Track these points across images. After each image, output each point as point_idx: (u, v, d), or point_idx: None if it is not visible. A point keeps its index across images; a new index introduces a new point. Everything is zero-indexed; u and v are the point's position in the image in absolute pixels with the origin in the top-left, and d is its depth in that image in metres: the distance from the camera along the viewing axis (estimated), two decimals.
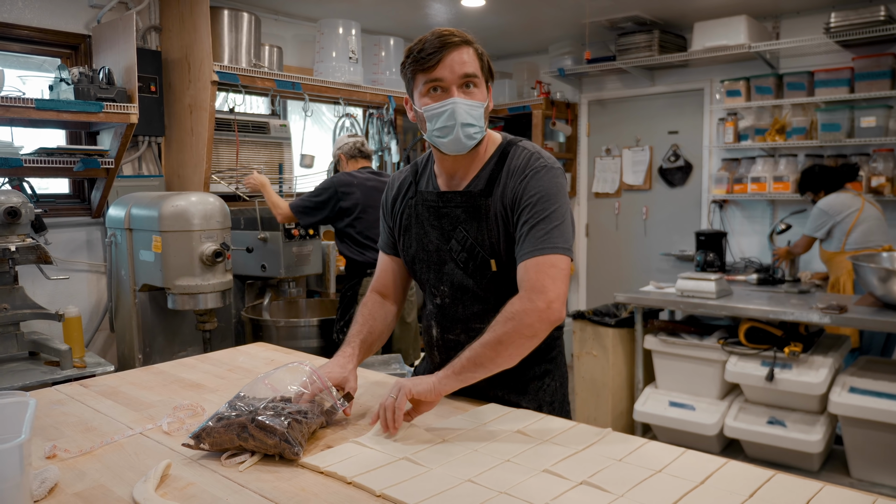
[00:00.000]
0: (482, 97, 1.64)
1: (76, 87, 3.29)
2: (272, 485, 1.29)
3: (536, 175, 1.62)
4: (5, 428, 1.09)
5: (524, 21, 5.28)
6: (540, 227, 1.58)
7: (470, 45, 1.61)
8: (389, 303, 1.91)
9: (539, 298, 1.52)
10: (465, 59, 1.60)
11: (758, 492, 1.25)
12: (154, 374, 2.03)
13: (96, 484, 1.28)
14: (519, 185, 1.63)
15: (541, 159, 1.66)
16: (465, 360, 1.53)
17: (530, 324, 1.52)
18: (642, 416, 4.07)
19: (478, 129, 1.64)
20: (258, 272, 3.96)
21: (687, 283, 3.95)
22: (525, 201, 1.61)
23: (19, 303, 3.03)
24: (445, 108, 1.60)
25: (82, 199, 3.93)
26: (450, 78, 1.59)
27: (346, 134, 4.12)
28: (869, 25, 4.42)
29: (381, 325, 1.85)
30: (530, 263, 1.57)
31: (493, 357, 1.53)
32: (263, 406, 1.45)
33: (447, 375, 1.54)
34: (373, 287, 1.93)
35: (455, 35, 1.60)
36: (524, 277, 1.57)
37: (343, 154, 3.94)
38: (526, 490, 1.27)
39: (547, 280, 1.54)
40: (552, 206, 1.59)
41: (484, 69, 1.64)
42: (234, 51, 4.06)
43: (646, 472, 1.35)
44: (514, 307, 1.54)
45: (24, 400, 1.14)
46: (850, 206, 4.35)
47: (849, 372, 3.60)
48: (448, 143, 1.64)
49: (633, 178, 6.04)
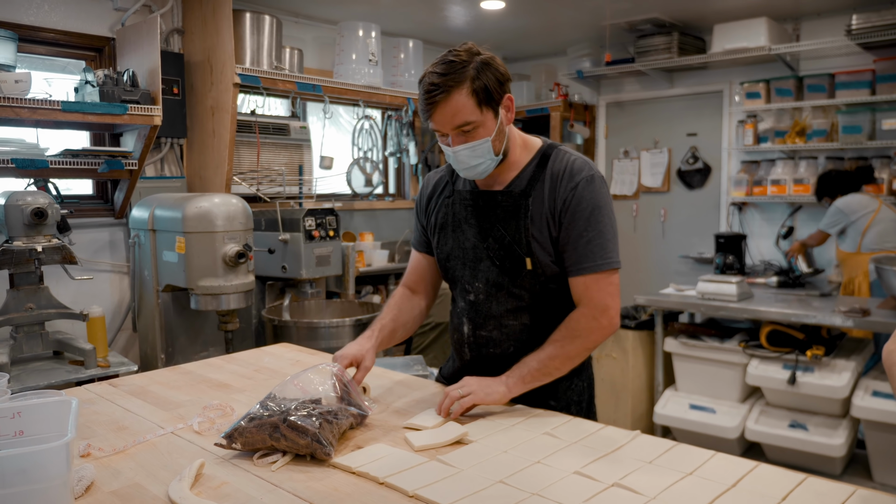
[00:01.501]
0: (485, 133, 1.63)
1: (101, 90, 3.32)
2: (305, 484, 1.30)
3: (590, 186, 1.67)
4: (49, 426, 1.11)
5: (543, 23, 5.27)
6: (596, 242, 1.66)
7: (461, 86, 1.57)
8: (419, 297, 1.97)
9: (603, 317, 1.66)
10: (456, 109, 1.59)
11: (790, 495, 1.25)
12: (181, 374, 2.05)
13: (131, 482, 1.30)
14: (570, 193, 1.67)
15: (587, 166, 1.70)
16: (534, 371, 1.66)
17: (595, 340, 1.68)
18: (662, 418, 4.05)
19: (486, 162, 1.68)
20: (279, 273, 3.98)
21: (708, 285, 3.93)
22: (579, 212, 1.66)
23: (45, 303, 3.06)
24: (449, 154, 1.68)
25: (105, 200, 3.96)
26: (444, 128, 1.64)
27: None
28: (891, 27, 4.38)
29: (407, 316, 1.92)
30: (591, 280, 1.67)
31: (560, 369, 1.68)
32: (294, 407, 1.46)
33: (516, 384, 1.66)
34: (403, 282, 2.00)
35: (440, 87, 1.57)
36: (585, 294, 1.68)
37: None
38: (557, 492, 1.28)
39: (608, 298, 1.67)
40: (605, 218, 1.67)
41: (482, 103, 1.60)
42: (256, 53, 4.08)
43: (677, 474, 1.35)
44: (581, 325, 1.67)
45: (65, 399, 1.16)
46: (866, 206, 4.35)
47: (871, 375, 3.57)
48: (464, 176, 1.74)
49: (651, 180, 6.02)
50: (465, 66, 1.59)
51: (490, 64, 1.62)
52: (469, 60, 1.60)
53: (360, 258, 4.53)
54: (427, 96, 1.60)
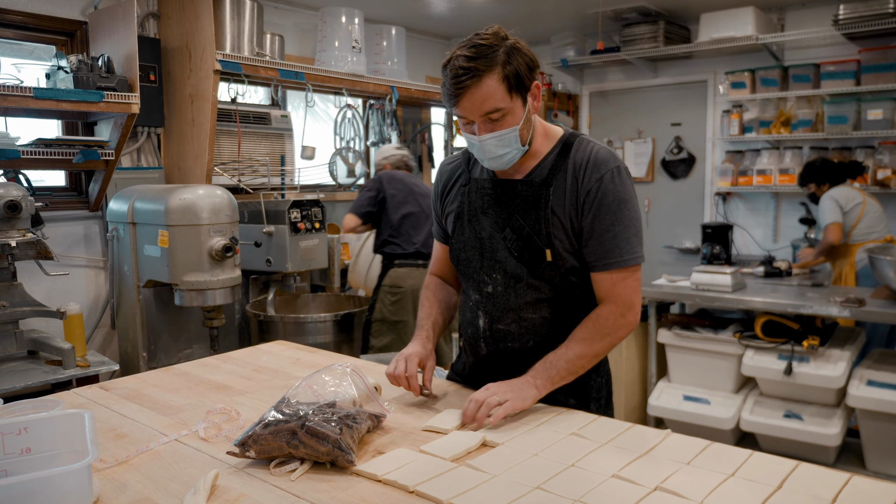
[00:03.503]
0: (513, 121, 1.55)
1: (75, 76, 3.16)
2: (330, 495, 1.21)
3: (616, 178, 1.60)
4: (58, 442, 1.00)
5: (526, 11, 5.19)
6: (622, 237, 1.60)
7: (492, 71, 1.49)
8: (450, 285, 1.94)
9: (630, 314, 1.63)
10: (484, 95, 1.50)
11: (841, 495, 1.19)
12: (177, 376, 1.93)
13: (141, 497, 1.19)
14: (594, 185, 1.59)
15: (612, 157, 1.63)
16: (562, 372, 1.59)
17: (621, 337, 1.65)
18: (656, 410, 4.01)
19: (512, 152, 1.61)
20: (263, 267, 3.85)
21: (702, 276, 3.89)
22: (605, 205, 1.59)
23: (18, 300, 2.91)
24: (474, 143, 1.60)
25: (80, 192, 3.79)
26: (472, 116, 1.55)
27: (394, 145, 4.25)
28: (878, 18, 4.39)
29: (447, 304, 1.89)
30: (617, 276, 1.62)
31: (586, 368, 1.63)
32: (312, 412, 1.36)
33: (545, 385, 1.59)
34: (431, 270, 1.96)
35: (470, 71, 1.48)
36: (611, 290, 1.62)
37: (389, 164, 4.13)
38: (600, 498, 1.21)
39: (633, 294, 1.63)
40: (631, 212, 1.62)
41: (512, 89, 1.52)
42: (237, 39, 3.93)
43: (719, 475, 1.29)
44: (609, 322, 1.61)
45: (76, 412, 1.04)
46: (854, 198, 4.37)
47: (865, 365, 3.57)
48: (488, 167, 1.66)
49: (635, 170, 5.98)
50: (494, 49, 1.50)
51: (519, 48, 1.53)
52: (498, 44, 1.51)
53: (345, 251, 4.41)
54: (455, 81, 1.50)
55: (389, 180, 4.00)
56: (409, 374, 1.65)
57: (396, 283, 3.82)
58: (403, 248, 3.87)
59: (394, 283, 3.83)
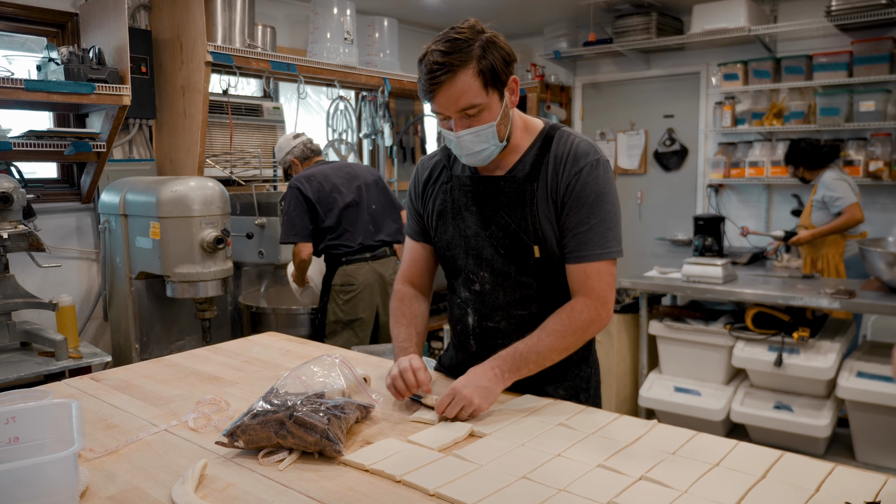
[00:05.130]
0: (490, 116, 1.54)
1: (66, 68, 3.15)
2: (317, 484, 1.22)
3: (594, 171, 1.58)
4: (46, 431, 1.01)
5: (519, 2, 5.18)
6: (597, 230, 1.58)
7: (466, 66, 1.48)
8: (423, 297, 1.87)
9: (604, 309, 1.61)
10: (460, 91, 1.49)
11: (824, 485, 1.21)
12: (167, 367, 1.94)
13: (129, 486, 1.20)
14: (573, 178, 1.58)
15: (592, 150, 1.61)
16: (531, 365, 1.58)
17: (593, 333, 1.63)
18: (647, 401, 4.03)
19: (490, 147, 1.59)
20: (255, 258, 3.86)
21: (693, 268, 3.91)
22: (583, 198, 1.58)
23: (11, 292, 2.91)
24: (451, 139, 1.59)
25: (71, 184, 3.78)
26: (447, 111, 1.54)
27: (291, 134, 3.81)
28: (870, 9, 4.39)
29: (422, 325, 1.83)
30: (591, 269, 1.59)
31: (554, 361, 1.61)
32: (301, 402, 1.37)
33: (511, 377, 1.57)
34: (404, 276, 1.87)
35: (444, 66, 1.47)
36: (585, 283, 1.60)
37: (295, 158, 3.73)
38: (585, 487, 1.22)
39: (607, 290, 1.61)
40: (609, 205, 1.59)
41: (488, 84, 1.51)
42: (228, 31, 3.92)
43: (704, 465, 1.30)
44: (584, 317, 1.59)
45: (64, 402, 1.05)
46: (853, 188, 4.35)
47: (855, 356, 3.59)
48: (466, 163, 1.64)
49: (627, 162, 5.99)
50: (469, 43, 1.49)
51: (496, 42, 1.52)
52: (474, 38, 1.50)
53: None
54: (430, 76, 1.49)
55: (306, 184, 3.52)
56: (415, 367, 1.60)
57: (348, 281, 3.55)
58: (348, 245, 3.57)
59: (345, 282, 3.55)
